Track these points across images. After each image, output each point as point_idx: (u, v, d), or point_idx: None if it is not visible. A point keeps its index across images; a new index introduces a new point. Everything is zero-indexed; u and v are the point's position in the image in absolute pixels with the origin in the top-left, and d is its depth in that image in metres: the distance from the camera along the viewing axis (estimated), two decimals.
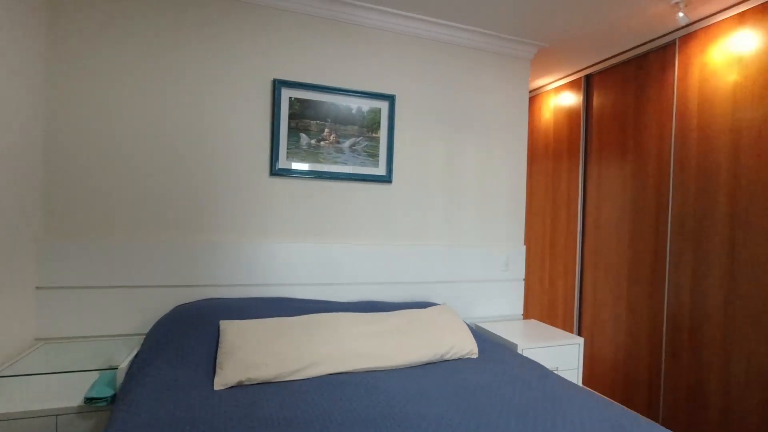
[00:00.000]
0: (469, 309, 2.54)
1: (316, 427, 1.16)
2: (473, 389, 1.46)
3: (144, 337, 1.95)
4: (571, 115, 3.15)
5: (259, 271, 2.11)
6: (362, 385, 1.47)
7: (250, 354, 1.52)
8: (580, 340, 2.24)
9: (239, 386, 1.44)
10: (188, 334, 1.69)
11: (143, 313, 1.96)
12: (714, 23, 2.18)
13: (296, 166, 2.20)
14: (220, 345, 1.60)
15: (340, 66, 2.27)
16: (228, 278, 2.07)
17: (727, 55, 2.13)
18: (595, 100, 2.95)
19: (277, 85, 2.14)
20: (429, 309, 2.02)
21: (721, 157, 2.15)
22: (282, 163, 2.17)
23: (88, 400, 1.53)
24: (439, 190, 2.49)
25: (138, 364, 1.57)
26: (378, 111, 2.35)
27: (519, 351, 2.08)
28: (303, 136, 2.21)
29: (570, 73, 3.10)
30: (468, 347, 1.83)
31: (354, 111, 2.30)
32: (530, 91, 3.54)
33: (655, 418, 2.41)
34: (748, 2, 2.03)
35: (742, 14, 2.07)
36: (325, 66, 2.24)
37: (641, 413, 2.50)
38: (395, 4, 2.21)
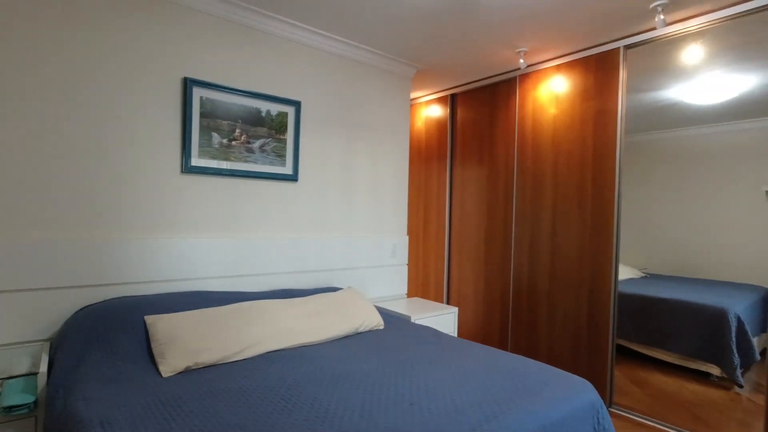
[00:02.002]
0: (365, 291, 2.92)
1: (281, 390, 1.40)
2: (390, 349, 1.84)
3: (44, 343, 1.84)
4: (439, 125, 3.77)
5: (171, 266, 2.14)
6: (300, 356, 1.72)
7: (191, 342, 1.64)
8: (455, 309, 2.82)
9: (187, 371, 1.56)
10: (111, 332, 1.70)
11: (36, 319, 1.82)
12: (542, 69, 2.95)
13: (208, 164, 2.27)
14: (153, 338, 1.67)
15: (251, 70, 2.40)
16: (138, 275, 2.05)
17: (549, 93, 2.92)
18: (459, 115, 3.61)
19: (189, 83, 2.18)
20: (339, 292, 2.34)
21: (547, 167, 2.94)
22: (194, 161, 2.22)
23: (7, 409, 1.46)
24: (338, 187, 2.80)
25: (63, 366, 1.54)
26: (285, 115, 2.55)
27: (413, 321, 2.55)
28: (215, 135, 2.29)
29: (439, 90, 3.71)
30: (376, 320, 2.21)
31: (263, 114, 2.46)
32: None
33: None
34: (561, 58, 2.84)
35: (558, 66, 2.87)
36: (236, 69, 2.35)
37: None
38: (304, 19, 2.44)
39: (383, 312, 2.48)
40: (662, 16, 2.18)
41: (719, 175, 2.54)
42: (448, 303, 3.66)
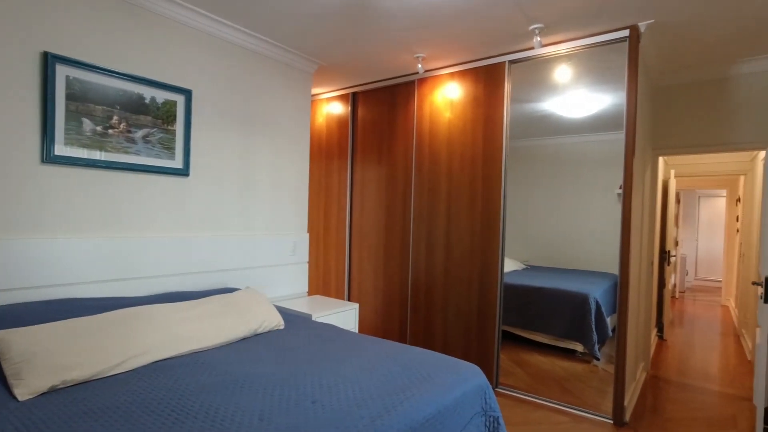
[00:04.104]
0: (264, 291, 2.82)
1: (171, 401, 1.28)
2: (291, 350, 1.80)
3: None
4: (340, 122, 3.78)
5: (32, 271, 1.84)
6: (193, 363, 1.60)
7: (57, 357, 1.43)
8: (356, 305, 2.86)
9: (53, 391, 1.35)
10: None
11: None
12: (438, 75, 3.13)
13: (78, 153, 1.99)
14: (3, 357, 1.42)
15: (134, 52, 2.16)
16: None
17: (444, 98, 3.11)
18: (360, 113, 3.66)
19: (50, 59, 1.89)
20: (236, 292, 2.22)
21: (442, 168, 3.12)
22: (59, 150, 1.93)
23: None
24: (235, 183, 2.66)
25: None
26: (174, 104, 2.34)
27: (314, 319, 2.52)
28: (86, 121, 2.02)
29: (341, 87, 3.72)
30: (275, 321, 2.14)
31: (147, 101, 2.23)
32: None
33: None
34: (455, 67, 3.04)
35: (452, 73, 3.07)
36: (115, 49, 2.09)
37: None
38: (198, 2, 2.26)
39: (283, 311, 2.42)
40: (539, 38, 2.46)
41: (583, 179, 2.93)
42: (349, 300, 3.69)
